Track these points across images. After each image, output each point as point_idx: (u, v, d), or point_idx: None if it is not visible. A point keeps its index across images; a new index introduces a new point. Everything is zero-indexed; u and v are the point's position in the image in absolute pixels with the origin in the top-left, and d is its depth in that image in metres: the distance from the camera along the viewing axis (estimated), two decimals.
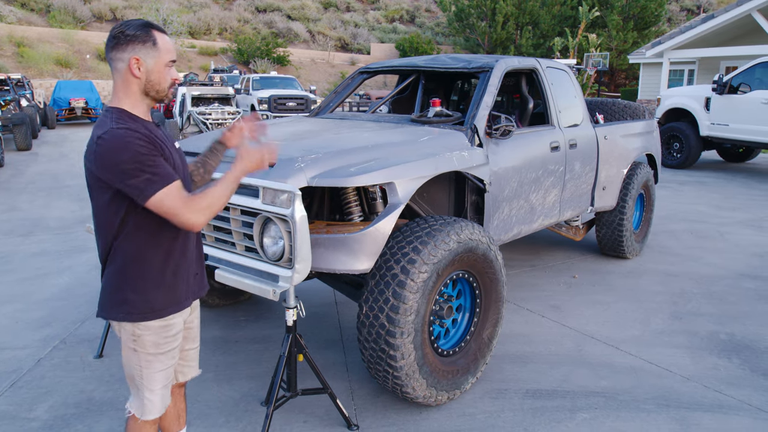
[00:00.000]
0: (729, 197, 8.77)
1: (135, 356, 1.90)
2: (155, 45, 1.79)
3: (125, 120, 1.74)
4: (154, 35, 1.79)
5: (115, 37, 1.77)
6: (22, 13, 30.42)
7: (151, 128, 1.82)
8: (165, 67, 1.81)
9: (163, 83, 1.82)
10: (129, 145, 1.67)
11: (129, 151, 1.67)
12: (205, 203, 1.76)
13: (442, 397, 2.93)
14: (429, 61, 4.33)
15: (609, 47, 25.45)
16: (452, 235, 2.82)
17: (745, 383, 3.31)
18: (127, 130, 1.70)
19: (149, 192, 1.68)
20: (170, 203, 1.71)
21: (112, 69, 1.80)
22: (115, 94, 1.81)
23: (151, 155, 1.70)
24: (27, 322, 4.03)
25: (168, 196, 1.70)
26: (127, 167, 1.66)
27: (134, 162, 1.67)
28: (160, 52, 1.79)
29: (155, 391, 1.94)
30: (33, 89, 19.66)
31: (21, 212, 7.43)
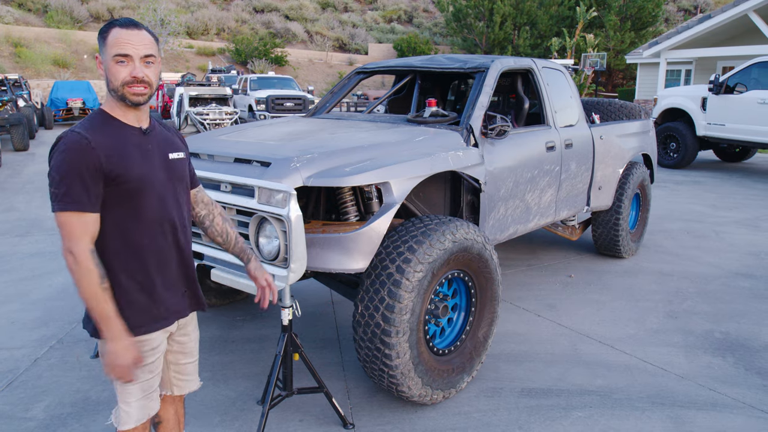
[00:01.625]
0: (725, 197, 8.80)
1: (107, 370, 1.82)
2: (105, 40, 1.70)
3: (93, 124, 1.70)
4: (110, 31, 1.70)
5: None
6: (19, 13, 30.38)
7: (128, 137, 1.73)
8: (112, 62, 1.69)
9: (113, 81, 1.70)
10: (63, 153, 1.62)
11: (58, 159, 1.62)
12: (81, 273, 1.63)
13: (438, 395, 2.94)
14: (425, 62, 4.34)
15: (606, 47, 25.50)
16: (447, 235, 2.84)
17: (739, 381, 3.32)
18: (78, 135, 1.64)
19: (54, 207, 1.63)
20: (65, 228, 1.63)
21: None
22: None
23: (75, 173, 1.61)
24: (23, 322, 4.03)
25: (67, 220, 1.63)
26: (53, 174, 1.63)
27: (60, 172, 1.62)
28: (107, 47, 1.70)
29: (131, 404, 1.87)
30: (30, 89, 19.64)
31: (18, 212, 7.42)
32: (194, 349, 2.08)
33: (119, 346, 1.70)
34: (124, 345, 1.71)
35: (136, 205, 1.74)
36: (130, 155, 1.72)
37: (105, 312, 1.67)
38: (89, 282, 1.64)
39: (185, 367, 2.07)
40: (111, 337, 1.69)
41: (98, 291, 1.66)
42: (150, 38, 1.75)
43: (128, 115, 1.76)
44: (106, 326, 1.69)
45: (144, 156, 1.76)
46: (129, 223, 1.74)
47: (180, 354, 2.03)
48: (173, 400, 2.14)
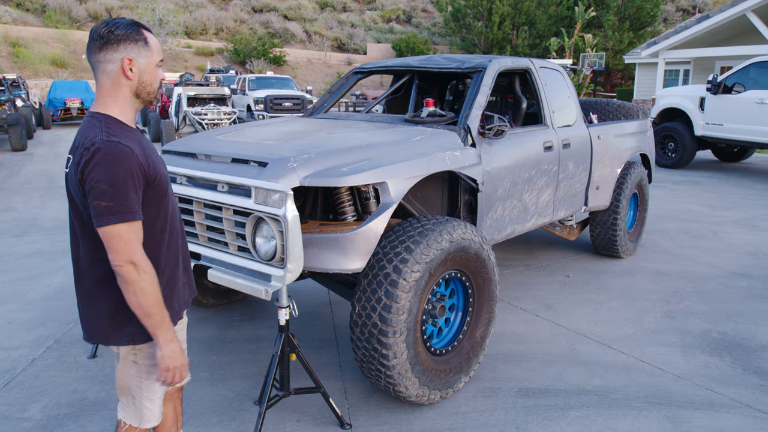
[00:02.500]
0: (723, 197, 8.81)
1: (135, 368, 1.86)
2: (147, 44, 1.72)
3: (116, 131, 1.65)
4: (145, 34, 1.73)
5: (103, 37, 1.66)
6: (18, 13, 30.34)
7: (140, 139, 1.75)
8: (156, 67, 1.76)
9: (154, 84, 1.76)
10: (111, 163, 1.58)
11: (106, 170, 1.58)
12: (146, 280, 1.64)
13: (435, 395, 2.94)
14: (423, 62, 4.34)
15: (605, 47, 25.52)
16: (445, 235, 2.84)
17: (736, 381, 3.33)
18: (119, 144, 1.61)
19: (107, 221, 1.59)
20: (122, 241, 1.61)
21: (99, 71, 1.69)
22: (101, 98, 1.71)
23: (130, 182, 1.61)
24: (21, 323, 4.03)
25: (124, 232, 1.60)
26: (103, 187, 1.57)
27: (113, 184, 1.58)
28: (152, 52, 1.73)
29: (155, 400, 1.91)
30: (28, 89, 19.60)
31: (15, 212, 7.41)
32: (183, 339, 2.10)
33: (176, 347, 1.74)
34: (179, 347, 1.76)
35: (163, 203, 1.78)
36: (153, 156, 1.76)
37: (165, 317, 1.70)
38: (153, 289, 1.66)
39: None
40: (169, 340, 1.73)
41: (160, 297, 1.69)
42: None
43: (131, 119, 1.76)
44: (166, 330, 1.71)
45: (157, 154, 1.82)
46: (157, 222, 1.77)
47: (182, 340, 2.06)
48: (171, 397, 2.13)
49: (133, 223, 1.63)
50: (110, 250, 1.62)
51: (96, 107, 1.71)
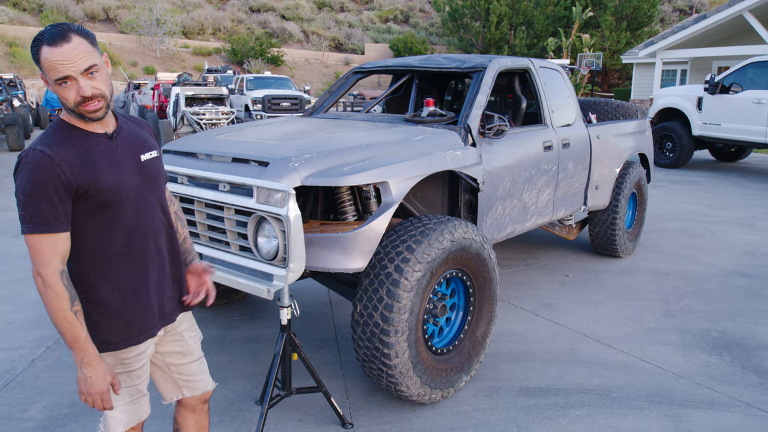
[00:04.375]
0: (721, 196, 8.84)
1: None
2: (39, 63, 1.57)
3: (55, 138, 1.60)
4: (40, 51, 1.55)
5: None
6: (14, 12, 30.27)
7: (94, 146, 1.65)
8: (55, 85, 1.57)
9: (66, 103, 1.60)
10: (27, 173, 1.54)
11: (23, 180, 1.54)
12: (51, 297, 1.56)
13: (436, 395, 2.95)
14: (423, 61, 4.35)
15: (602, 47, 25.57)
16: (446, 234, 2.84)
17: (736, 380, 3.34)
18: (39, 153, 1.55)
19: (23, 229, 1.56)
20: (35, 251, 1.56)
21: None
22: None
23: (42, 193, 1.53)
24: (20, 323, 4.02)
25: (35, 244, 1.56)
26: (19, 195, 1.55)
27: (26, 193, 1.54)
28: (45, 71, 1.57)
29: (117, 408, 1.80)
30: (25, 89, 19.56)
31: (13, 212, 7.39)
32: (194, 349, 2.04)
33: (93, 371, 1.63)
34: (98, 371, 1.63)
35: (111, 216, 1.67)
36: (98, 165, 1.63)
37: (76, 336, 1.60)
38: (59, 306, 1.57)
39: (187, 367, 2.01)
40: (87, 362, 1.62)
41: (68, 315, 1.58)
42: (84, 44, 1.58)
43: (92, 124, 1.67)
44: (79, 351, 1.61)
45: (114, 164, 1.68)
46: (105, 235, 1.67)
47: (178, 355, 1.99)
48: (193, 408, 2.07)
49: (47, 236, 1.55)
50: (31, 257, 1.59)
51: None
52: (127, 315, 1.74)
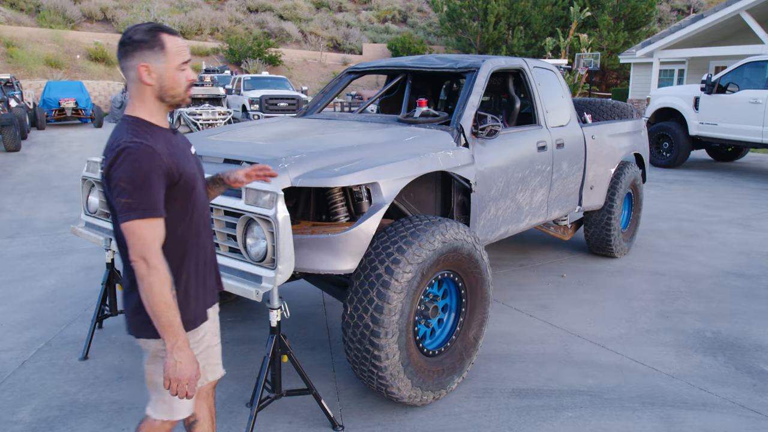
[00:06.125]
0: (717, 196, 8.83)
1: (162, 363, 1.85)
2: (163, 49, 1.72)
3: (141, 132, 1.69)
4: (162, 38, 1.72)
5: (122, 44, 1.72)
6: (12, 13, 30.20)
7: (170, 138, 1.79)
8: (177, 70, 1.75)
9: (177, 88, 1.76)
10: (133, 162, 1.63)
11: (129, 169, 1.62)
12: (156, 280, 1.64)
13: (428, 397, 2.93)
14: (416, 61, 4.33)
15: (600, 47, 25.55)
16: (437, 235, 2.82)
17: (729, 381, 3.33)
18: (141, 144, 1.65)
19: (126, 217, 1.63)
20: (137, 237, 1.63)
21: (126, 77, 1.75)
22: (131, 102, 1.76)
23: (149, 181, 1.64)
24: (12, 324, 4.00)
25: (140, 229, 1.63)
26: (123, 185, 1.62)
27: (133, 182, 1.62)
28: (169, 56, 1.73)
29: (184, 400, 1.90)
30: (22, 90, 19.52)
31: (8, 213, 7.37)
32: (218, 331, 2.10)
33: (184, 356, 1.70)
34: (189, 356, 1.71)
35: (188, 202, 1.80)
36: (179, 156, 1.77)
37: (171, 320, 1.67)
38: (161, 289, 1.65)
39: (215, 349, 2.06)
40: (179, 347, 1.69)
41: (168, 298, 1.66)
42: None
43: (162, 119, 1.80)
44: (175, 335, 1.68)
45: (185, 155, 1.83)
46: (184, 220, 1.80)
47: (213, 336, 2.04)
48: (206, 394, 2.13)
49: (151, 221, 1.65)
50: (128, 246, 1.66)
51: (128, 110, 1.77)
52: (200, 295, 1.88)
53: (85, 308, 4.28)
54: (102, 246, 3.42)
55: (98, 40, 29.65)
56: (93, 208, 3.52)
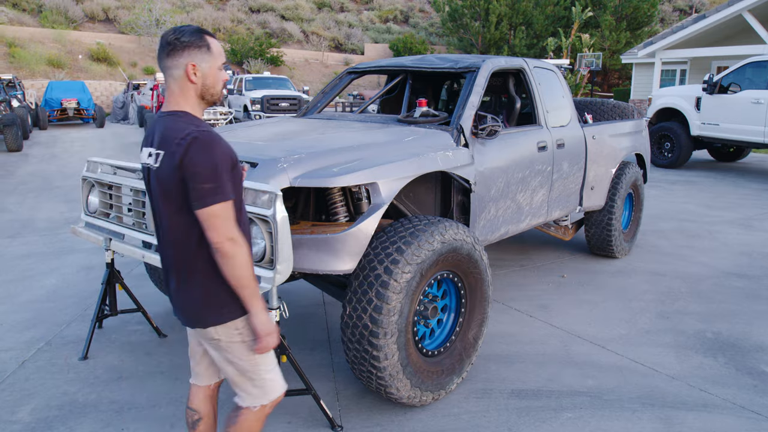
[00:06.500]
0: (719, 196, 8.81)
1: (244, 347, 1.91)
2: (209, 50, 1.83)
3: (199, 123, 1.78)
4: (208, 40, 1.83)
5: (170, 44, 1.79)
6: (14, 13, 30.25)
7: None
8: (218, 70, 1.86)
9: (217, 86, 1.87)
10: (210, 149, 1.71)
11: (212, 156, 1.71)
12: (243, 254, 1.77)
13: (427, 397, 2.93)
14: (416, 62, 4.33)
15: (602, 47, 25.52)
16: (436, 236, 2.82)
17: (729, 382, 3.32)
18: (209, 133, 1.74)
19: (211, 201, 1.71)
20: (222, 219, 1.73)
21: (167, 75, 1.83)
22: (173, 99, 1.83)
23: (226, 166, 1.74)
24: (12, 324, 4.00)
25: (223, 211, 1.73)
26: (204, 171, 1.70)
27: (212, 167, 1.71)
28: (214, 57, 1.84)
29: (274, 369, 1.99)
30: (24, 90, 19.55)
31: (9, 213, 7.38)
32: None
33: (267, 316, 1.86)
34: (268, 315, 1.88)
35: (240, 187, 1.88)
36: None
37: (255, 289, 1.82)
38: (248, 262, 1.79)
39: None
40: (262, 308, 1.85)
41: (252, 271, 1.81)
42: None
43: (201, 115, 1.90)
44: (257, 302, 1.83)
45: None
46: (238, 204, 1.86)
47: None
48: (212, 394, 2.17)
49: (228, 203, 1.75)
50: (210, 229, 1.73)
51: (172, 107, 1.84)
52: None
53: (85, 308, 4.29)
54: (102, 246, 3.42)
55: (100, 40, 29.70)
56: (93, 208, 3.52)
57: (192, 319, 1.89)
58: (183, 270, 1.85)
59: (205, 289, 1.83)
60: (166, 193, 1.78)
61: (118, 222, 3.35)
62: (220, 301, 1.84)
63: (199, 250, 1.80)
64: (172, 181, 1.75)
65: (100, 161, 3.44)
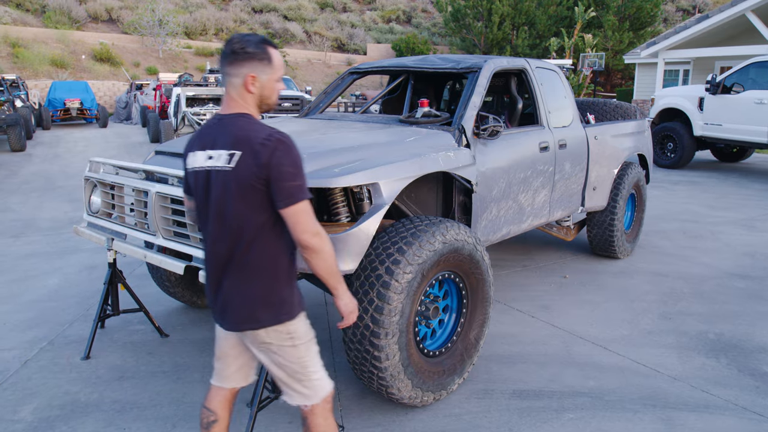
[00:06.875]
0: (722, 197, 8.79)
1: (296, 350, 1.94)
2: (271, 63, 1.86)
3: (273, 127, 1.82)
4: (270, 52, 1.86)
5: (234, 53, 1.82)
6: (17, 13, 30.34)
7: None
8: (276, 82, 1.90)
9: (273, 97, 1.91)
10: (293, 148, 1.78)
11: (297, 156, 1.78)
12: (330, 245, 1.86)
13: (428, 397, 2.93)
14: (418, 62, 4.33)
15: (605, 47, 25.48)
16: (437, 236, 2.82)
17: (732, 383, 3.31)
18: (286, 135, 1.79)
19: (298, 198, 1.76)
20: (308, 215, 1.79)
21: (227, 81, 1.85)
22: (234, 103, 1.86)
23: (302, 164, 1.80)
24: (15, 324, 4.02)
25: (308, 208, 1.79)
26: (291, 170, 1.75)
27: (298, 167, 1.77)
28: (274, 70, 1.87)
29: (320, 369, 2.02)
30: (28, 90, 19.61)
31: (13, 213, 7.41)
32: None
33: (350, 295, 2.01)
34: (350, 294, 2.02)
35: None
36: None
37: (341, 274, 1.94)
38: (333, 252, 1.87)
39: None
40: (345, 290, 1.97)
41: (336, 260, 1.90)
42: None
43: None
44: (344, 284, 1.96)
45: None
46: None
47: None
48: (232, 398, 2.17)
49: (309, 200, 1.82)
50: (297, 225, 1.79)
51: (232, 110, 1.87)
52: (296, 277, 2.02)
53: (87, 308, 4.30)
54: (104, 246, 3.43)
55: (103, 40, 29.76)
56: (95, 208, 3.53)
57: (245, 320, 1.88)
58: (245, 268, 1.85)
59: (267, 288, 1.86)
60: (242, 192, 1.79)
61: (120, 222, 3.36)
62: (280, 300, 1.87)
63: (268, 248, 1.84)
64: (253, 180, 1.76)
65: (103, 161, 3.44)
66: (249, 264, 1.85)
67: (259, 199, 1.78)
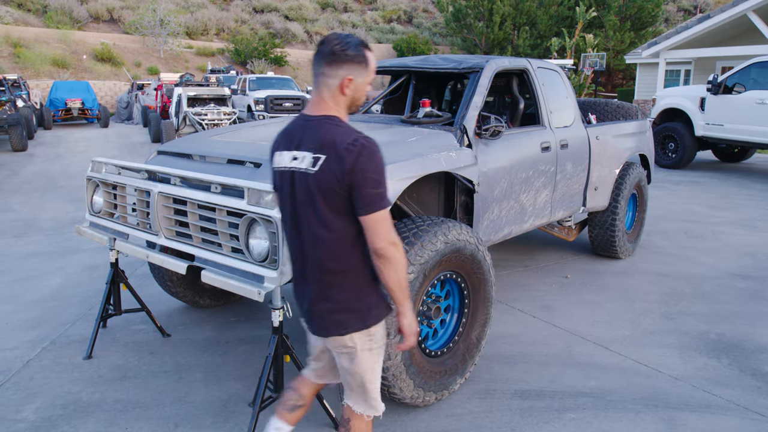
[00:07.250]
0: (723, 197, 8.79)
1: (370, 356, 1.93)
2: (367, 66, 1.84)
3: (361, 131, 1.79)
4: (367, 56, 1.84)
5: (334, 54, 1.78)
6: (19, 13, 30.37)
7: None
8: (368, 85, 1.88)
9: (362, 99, 1.89)
10: (377, 155, 1.74)
11: (380, 162, 1.74)
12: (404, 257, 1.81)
13: (430, 397, 2.93)
14: (420, 62, 4.33)
15: (606, 47, 25.46)
16: (439, 236, 2.82)
17: (733, 383, 3.31)
18: (372, 140, 1.75)
19: (379, 206, 1.73)
20: (387, 224, 1.75)
21: (320, 81, 1.82)
22: (323, 104, 1.83)
23: (385, 171, 1.77)
24: (17, 323, 4.02)
25: (387, 216, 1.75)
26: (374, 176, 1.71)
27: (381, 173, 1.73)
28: (369, 73, 1.85)
29: (378, 383, 2.01)
30: (29, 90, 19.63)
31: (14, 213, 7.42)
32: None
33: (414, 317, 1.92)
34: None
35: None
36: None
37: (409, 290, 1.87)
38: (406, 265, 1.82)
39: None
40: (410, 309, 1.88)
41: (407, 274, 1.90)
42: None
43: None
44: (408, 303, 1.87)
45: None
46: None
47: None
48: (319, 389, 2.26)
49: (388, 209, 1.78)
50: (375, 234, 1.74)
51: (322, 111, 1.83)
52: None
53: (89, 307, 4.30)
54: (106, 246, 3.43)
55: (105, 40, 29.78)
56: (97, 207, 3.54)
57: (333, 325, 1.87)
58: (333, 273, 1.83)
59: (355, 292, 1.84)
60: (325, 196, 1.76)
61: (122, 222, 3.36)
62: (368, 304, 1.86)
63: (353, 253, 1.81)
64: (335, 185, 1.73)
65: (105, 161, 3.45)
66: (337, 268, 1.83)
67: (342, 204, 1.76)
